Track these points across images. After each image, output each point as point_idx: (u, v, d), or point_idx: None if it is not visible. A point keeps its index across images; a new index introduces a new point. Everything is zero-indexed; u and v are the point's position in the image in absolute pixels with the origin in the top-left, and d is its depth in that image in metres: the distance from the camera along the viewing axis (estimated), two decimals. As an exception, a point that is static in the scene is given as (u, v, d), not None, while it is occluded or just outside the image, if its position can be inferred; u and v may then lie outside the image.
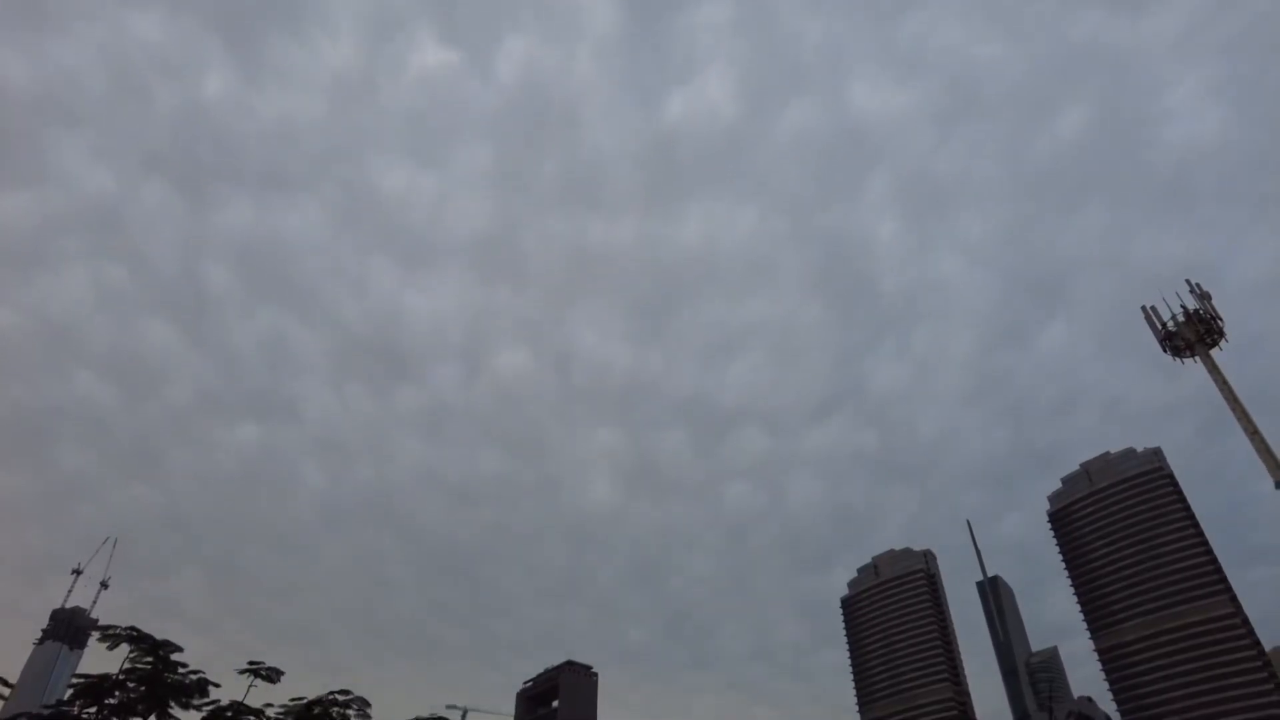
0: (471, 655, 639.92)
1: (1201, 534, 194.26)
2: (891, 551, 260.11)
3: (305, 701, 40.73)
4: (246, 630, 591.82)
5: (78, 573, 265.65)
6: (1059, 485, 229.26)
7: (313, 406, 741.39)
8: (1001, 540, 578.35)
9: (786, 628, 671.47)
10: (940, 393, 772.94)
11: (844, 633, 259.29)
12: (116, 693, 36.59)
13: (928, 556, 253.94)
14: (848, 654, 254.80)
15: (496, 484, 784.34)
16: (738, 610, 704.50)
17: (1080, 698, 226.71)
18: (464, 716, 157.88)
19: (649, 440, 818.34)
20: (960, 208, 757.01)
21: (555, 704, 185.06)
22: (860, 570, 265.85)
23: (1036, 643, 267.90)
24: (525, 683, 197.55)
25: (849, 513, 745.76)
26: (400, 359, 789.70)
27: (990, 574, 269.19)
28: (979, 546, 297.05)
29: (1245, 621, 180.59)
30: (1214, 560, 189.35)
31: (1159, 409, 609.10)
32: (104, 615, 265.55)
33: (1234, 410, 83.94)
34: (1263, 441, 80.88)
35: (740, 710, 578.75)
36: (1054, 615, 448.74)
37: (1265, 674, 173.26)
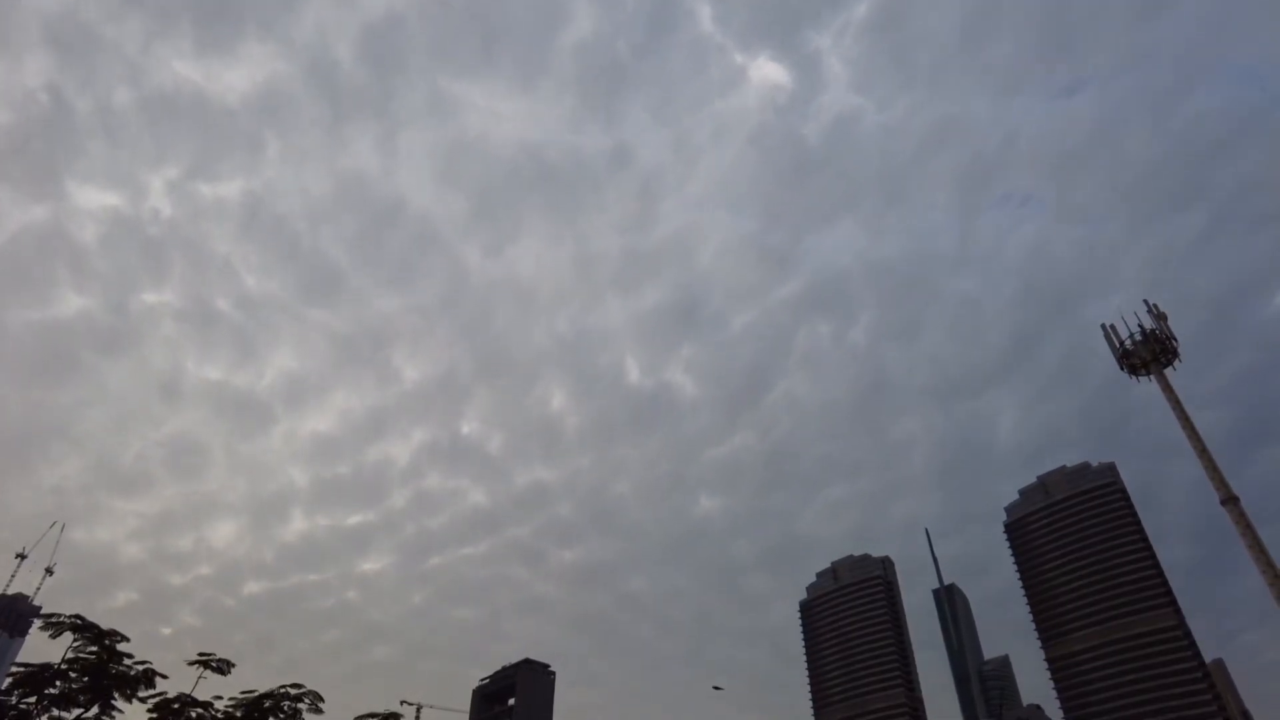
0: (490, 532, 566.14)
1: (1150, 547, 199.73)
2: (851, 557, 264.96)
3: (256, 694, 39.84)
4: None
5: (21, 557, 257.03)
6: (1016, 497, 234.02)
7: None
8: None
9: (913, 499, 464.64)
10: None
11: (801, 638, 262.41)
12: (58, 683, 35.44)
13: (885, 564, 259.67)
14: (805, 658, 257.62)
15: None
16: (856, 459, 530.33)
17: (1029, 706, 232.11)
18: (418, 713, 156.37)
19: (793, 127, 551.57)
20: None
21: (511, 702, 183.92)
22: (819, 575, 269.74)
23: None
24: (481, 680, 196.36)
25: (1053, 281, 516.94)
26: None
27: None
28: (935, 552, 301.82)
29: (1188, 634, 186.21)
30: (1161, 573, 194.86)
31: None
32: (46, 603, 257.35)
33: (1185, 429, 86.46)
34: (1210, 460, 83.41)
35: (796, 643, 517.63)
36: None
37: (1205, 684, 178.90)
